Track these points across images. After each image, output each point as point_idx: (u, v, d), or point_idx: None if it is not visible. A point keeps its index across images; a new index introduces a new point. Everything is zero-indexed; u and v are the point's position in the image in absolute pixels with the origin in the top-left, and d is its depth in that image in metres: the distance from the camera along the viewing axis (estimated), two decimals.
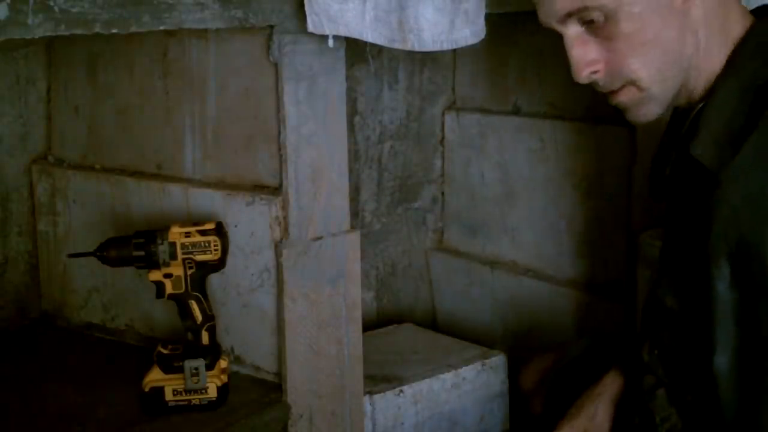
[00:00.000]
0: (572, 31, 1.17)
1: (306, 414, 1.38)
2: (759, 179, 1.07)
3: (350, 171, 1.44)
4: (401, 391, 1.60)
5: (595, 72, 1.18)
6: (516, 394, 1.65)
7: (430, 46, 1.30)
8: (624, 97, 1.19)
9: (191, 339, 1.32)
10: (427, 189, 2.08)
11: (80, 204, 1.58)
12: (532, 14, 1.23)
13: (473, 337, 1.88)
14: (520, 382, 1.53)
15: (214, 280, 1.37)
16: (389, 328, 1.92)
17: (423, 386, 1.62)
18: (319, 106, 1.35)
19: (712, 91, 1.16)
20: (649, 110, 1.19)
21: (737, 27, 1.17)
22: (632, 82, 1.17)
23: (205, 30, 1.28)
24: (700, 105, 1.18)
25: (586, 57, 1.17)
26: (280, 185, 1.35)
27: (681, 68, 1.17)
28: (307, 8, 1.25)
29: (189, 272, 1.30)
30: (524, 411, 1.53)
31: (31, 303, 1.65)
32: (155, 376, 1.32)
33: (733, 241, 1.08)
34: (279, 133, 1.33)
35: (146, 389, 1.32)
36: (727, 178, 1.09)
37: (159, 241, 1.29)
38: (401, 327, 1.93)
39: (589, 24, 1.15)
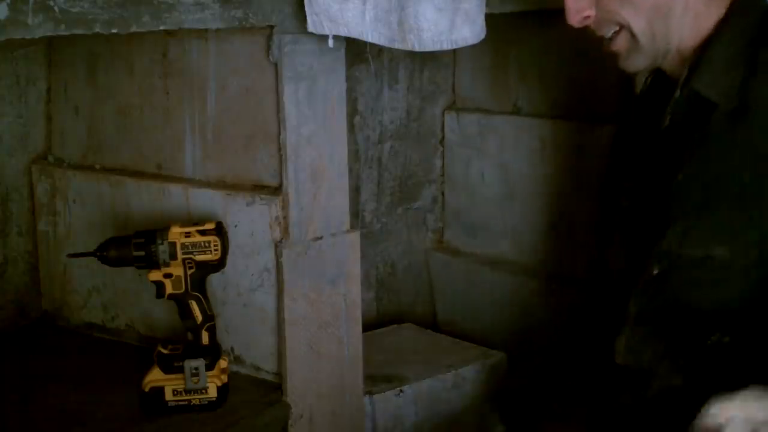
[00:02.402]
0: None
1: (306, 414, 1.38)
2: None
3: (350, 171, 1.44)
4: (401, 391, 1.60)
5: (586, 17, 1.25)
6: (516, 394, 1.64)
7: (430, 46, 1.30)
8: (618, 46, 1.26)
9: (191, 339, 1.32)
10: (427, 189, 2.08)
11: (80, 204, 1.58)
12: (532, 14, 1.23)
13: (473, 337, 1.88)
14: None
15: (214, 280, 1.37)
16: (389, 328, 1.92)
17: (423, 386, 1.62)
18: (319, 106, 1.35)
19: (704, 46, 1.22)
20: (638, 61, 1.27)
21: None
22: (625, 27, 1.24)
23: (205, 30, 1.28)
24: (690, 64, 1.24)
25: (577, 4, 1.24)
26: (280, 185, 1.35)
27: (670, 25, 1.22)
28: (307, 8, 1.25)
29: (189, 272, 1.30)
30: (523, 411, 1.53)
31: (31, 303, 1.65)
32: (155, 376, 1.32)
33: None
34: (279, 133, 1.33)
35: (146, 389, 1.32)
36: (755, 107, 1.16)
37: (159, 241, 1.29)
38: (401, 327, 1.93)
39: None
